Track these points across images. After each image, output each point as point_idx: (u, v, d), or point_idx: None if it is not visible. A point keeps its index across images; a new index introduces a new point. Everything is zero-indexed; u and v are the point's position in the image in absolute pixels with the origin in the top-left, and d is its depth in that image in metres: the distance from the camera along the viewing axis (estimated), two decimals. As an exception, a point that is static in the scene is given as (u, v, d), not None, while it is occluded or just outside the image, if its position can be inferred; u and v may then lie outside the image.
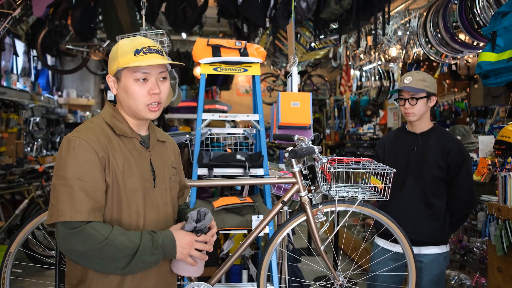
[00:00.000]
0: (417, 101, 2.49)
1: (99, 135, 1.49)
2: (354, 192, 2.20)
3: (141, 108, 1.53)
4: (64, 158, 1.43)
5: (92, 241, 1.37)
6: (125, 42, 1.54)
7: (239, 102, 11.89)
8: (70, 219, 1.38)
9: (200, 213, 1.58)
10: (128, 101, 1.53)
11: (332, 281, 2.24)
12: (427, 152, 2.52)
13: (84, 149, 1.43)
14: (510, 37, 2.49)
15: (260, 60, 2.91)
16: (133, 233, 1.44)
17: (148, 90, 1.53)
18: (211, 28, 8.71)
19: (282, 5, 4.23)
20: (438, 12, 4.60)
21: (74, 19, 4.43)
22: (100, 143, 1.47)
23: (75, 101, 9.17)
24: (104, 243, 1.38)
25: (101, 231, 1.39)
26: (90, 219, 1.40)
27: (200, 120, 2.84)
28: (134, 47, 1.52)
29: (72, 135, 1.46)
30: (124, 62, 1.50)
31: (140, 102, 1.52)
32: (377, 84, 8.15)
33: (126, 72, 1.52)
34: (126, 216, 1.51)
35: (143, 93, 1.52)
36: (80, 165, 1.42)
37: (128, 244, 1.40)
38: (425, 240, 2.52)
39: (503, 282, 2.66)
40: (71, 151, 1.42)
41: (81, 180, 1.41)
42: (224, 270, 2.26)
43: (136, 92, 1.52)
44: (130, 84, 1.51)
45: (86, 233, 1.38)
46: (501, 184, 2.72)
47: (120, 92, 1.55)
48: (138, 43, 1.53)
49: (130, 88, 1.52)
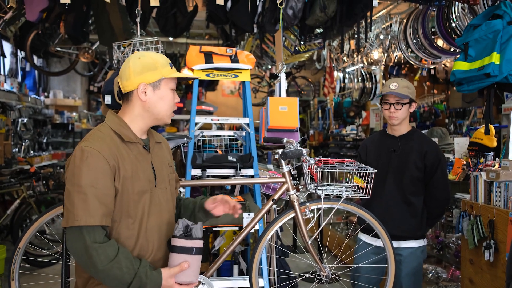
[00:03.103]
0: (402, 106, 2.70)
1: (109, 144, 1.64)
2: (339, 191, 2.38)
3: (169, 114, 1.79)
4: (79, 167, 1.57)
5: (88, 266, 1.56)
6: (156, 56, 1.76)
7: (224, 103, 12.00)
8: (85, 223, 1.54)
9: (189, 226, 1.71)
10: (161, 107, 1.75)
11: (319, 272, 2.42)
12: (406, 154, 2.72)
13: (97, 159, 1.58)
14: (480, 48, 2.70)
15: (250, 67, 3.08)
16: (127, 271, 1.57)
17: (174, 99, 1.79)
18: (197, 30, 8.81)
19: (269, 12, 4.39)
20: (418, 19, 4.81)
21: (68, 24, 4.52)
22: (111, 152, 1.62)
23: (62, 102, 9.19)
24: (100, 271, 1.55)
25: (102, 258, 1.54)
26: (103, 223, 1.57)
27: (194, 123, 2.99)
28: (167, 61, 1.76)
29: (85, 145, 1.60)
30: (167, 72, 1.73)
31: (171, 108, 1.78)
32: (359, 85, 8.36)
33: (166, 82, 1.74)
34: (133, 215, 1.67)
35: (173, 101, 1.79)
36: (93, 174, 1.57)
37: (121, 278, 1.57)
38: (404, 235, 2.72)
39: (474, 273, 2.88)
40: (85, 161, 1.57)
41: (94, 188, 1.56)
42: (219, 264, 2.42)
43: (171, 99, 1.77)
44: (167, 92, 1.75)
45: (89, 254, 1.54)
46: (473, 183, 2.94)
47: (155, 99, 1.73)
48: (167, 59, 1.77)
49: (167, 96, 1.75)
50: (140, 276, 1.56)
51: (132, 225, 1.67)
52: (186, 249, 1.63)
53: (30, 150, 7.74)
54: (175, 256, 1.64)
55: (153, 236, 1.72)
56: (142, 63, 1.71)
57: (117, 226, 1.66)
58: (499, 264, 2.65)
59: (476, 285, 2.86)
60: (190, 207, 1.99)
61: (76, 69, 7.86)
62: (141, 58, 1.73)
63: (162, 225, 1.76)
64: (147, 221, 1.70)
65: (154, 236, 1.73)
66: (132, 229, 1.67)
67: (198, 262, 1.67)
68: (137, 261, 1.60)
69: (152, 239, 1.72)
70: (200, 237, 1.67)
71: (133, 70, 1.71)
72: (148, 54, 1.75)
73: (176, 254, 1.64)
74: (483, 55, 2.68)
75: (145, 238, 1.70)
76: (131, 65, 1.71)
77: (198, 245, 1.66)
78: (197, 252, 1.65)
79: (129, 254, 1.60)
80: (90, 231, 1.55)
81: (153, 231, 1.72)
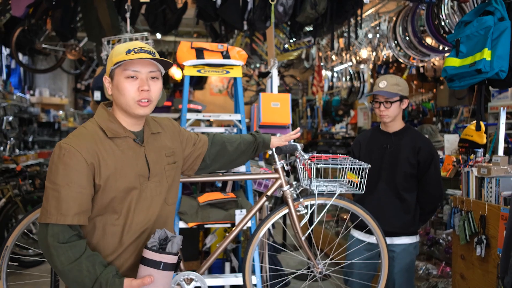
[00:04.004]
0: (391, 104, 2.69)
1: (90, 141, 1.59)
2: (332, 187, 2.37)
3: (131, 104, 1.63)
4: (56, 164, 1.55)
5: (53, 263, 1.53)
6: (120, 45, 1.67)
7: (212, 101, 11.97)
8: (56, 222, 1.51)
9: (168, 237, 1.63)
10: (120, 98, 1.64)
11: (312, 269, 2.41)
12: (399, 150, 2.72)
13: (73, 157, 1.54)
14: (471, 44, 2.72)
15: (241, 63, 3.05)
16: (88, 274, 1.52)
17: (137, 87, 1.63)
18: (185, 28, 8.75)
19: (258, 9, 4.38)
20: (407, 17, 4.84)
21: (55, 20, 4.45)
22: (90, 150, 1.57)
23: (48, 100, 9.07)
24: (59, 271, 1.53)
25: (62, 259, 1.51)
26: (74, 222, 1.53)
27: (185, 119, 2.96)
28: (127, 48, 1.63)
29: (64, 142, 1.57)
30: (116, 60, 1.62)
31: (130, 98, 1.63)
32: (348, 84, 8.39)
33: (118, 71, 1.63)
34: (119, 210, 1.64)
35: (133, 90, 1.63)
36: (68, 172, 1.53)
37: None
38: (397, 231, 2.72)
39: (465, 268, 2.89)
40: (62, 158, 1.54)
41: (69, 186, 1.53)
42: (211, 261, 2.39)
43: (126, 88, 1.62)
44: (121, 81, 1.63)
45: (49, 253, 1.52)
46: (465, 179, 2.95)
47: (114, 91, 1.66)
48: (131, 45, 1.65)
49: (121, 85, 1.63)
50: (100, 281, 1.51)
51: (117, 221, 1.64)
52: (153, 263, 1.54)
53: (16, 149, 7.61)
54: (142, 268, 1.56)
55: (138, 232, 1.68)
56: (109, 56, 1.68)
57: (103, 223, 1.63)
58: (490, 259, 2.67)
59: (468, 281, 2.88)
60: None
61: (63, 67, 7.75)
62: (113, 50, 1.69)
63: (149, 221, 1.71)
64: (133, 217, 1.66)
65: (139, 233, 1.68)
66: (117, 225, 1.64)
67: (166, 278, 1.57)
68: (102, 267, 1.54)
69: (137, 235, 1.68)
70: (173, 253, 1.57)
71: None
72: (119, 45, 1.68)
73: (143, 266, 1.56)
74: (475, 51, 2.69)
75: (129, 234, 1.66)
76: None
77: (167, 260, 1.56)
78: (166, 268, 1.55)
79: (96, 258, 1.55)
80: (55, 230, 1.52)
81: (139, 228, 1.68)
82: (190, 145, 1.98)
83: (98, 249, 1.64)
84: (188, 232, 3.25)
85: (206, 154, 2.05)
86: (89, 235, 1.64)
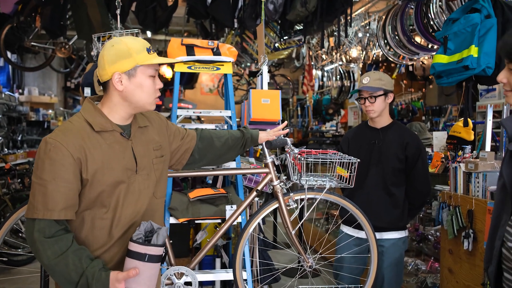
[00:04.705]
0: (375, 99, 2.72)
1: (76, 136, 1.59)
2: (322, 181, 2.39)
3: (150, 101, 1.70)
4: (42, 159, 1.55)
5: (40, 257, 1.54)
6: (132, 41, 1.66)
7: (203, 100, 11.97)
8: (43, 217, 1.52)
9: (154, 229, 1.63)
10: (141, 95, 1.67)
11: (302, 263, 2.43)
12: (387, 145, 2.75)
13: (59, 152, 1.54)
14: (459, 41, 2.75)
15: (232, 59, 3.06)
16: (74, 268, 1.52)
17: (156, 85, 1.71)
18: (176, 27, 8.76)
19: (249, 7, 4.40)
20: (396, 16, 4.87)
21: (44, 17, 4.43)
22: (77, 144, 1.57)
23: (37, 99, 9.00)
24: (45, 266, 1.54)
25: (48, 253, 1.51)
26: (61, 217, 1.54)
27: (175, 115, 2.96)
28: (144, 46, 1.66)
29: (50, 137, 1.57)
30: (142, 59, 1.63)
31: (152, 96, 1.70)
32: (338, 84, 8.43)
33: (142, 69, 1.65)
34: (107, 204, 1.64)
35: (154, 88, 1.70)
36: (55, 167, 1.53)
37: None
38: (386, 226, 2.74)
39: (453, 263, 2.93)
40: (48, 153, 1.54)
41: (55, 181, 1.53)
42: (202, 256, 2.41)
43: (150, 86, 1.68)
44: (145, 79, 1.66)
45: (36, 248, 1.53)
46: (453, 174, 2.99)
47: (132, 88, 1.65)
48: (144, 43, 1.68)
49: (145, 83, 1.67)
50: (87, 275, 1.51)
51: (106, 214, 1.64)
52: (138, 255, 1.54)
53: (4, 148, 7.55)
54: (128, 261, 1.56)
55: (127, 225, 1.69)
56: (116, 51, 1.64)
57: (92, 217, 1.63)
58: (477, 253, 2.70)
59: (455, 274, 2.91)
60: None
61: (52, 66, 7.71)
62: (115, 45, 1.65)
63: (138, 214, 1.72)
64: (121, 211, 1.66)
65: (128, 226, 1.69)
66: (106, 219, 1.64)
67: (152, 270, 1.57)
68: (88, 260, 1.54)
69: (126, 229, 1.68)
70: (158, 244, 1.57)
71: (106, 59, 1.64)
72: (123, 40, 1.66)
73: (129, 258, 1.56)
74: (462, 48, 2.73)
75: (118, 228, 1.66)
76: (105, 54, 1.65)
77: (152, 252, 1.56)
78: (151, 260, 1.55)
79: (83, 252, 1.55)
80: (41, 224, 1.52)
81: (128, 221, 1.69)
82: (178, 139, 2.00)
83: (87, 243, 1.64)
84: (178, 229, 3.27)
85: (194, 148, 2.07)
86: (78, 229, 1.64)
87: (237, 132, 2.24)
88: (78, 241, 1.63)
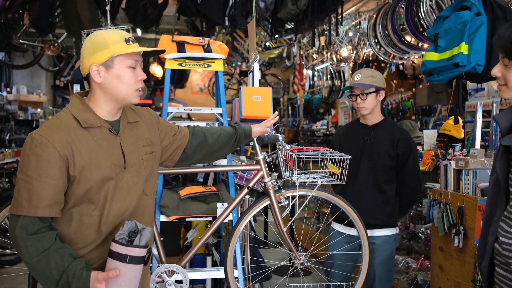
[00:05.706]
0: (367, 96, 2.72)
1: (63, 132, 1.56)
2: (314, 178, 2.38)
3: (131, 93, 1.65)
4: (28, 155, 1.52)
5: (21, 254, 1.52)
6: (110, 33, 1.63)
7: (194, 100, 11.93)
8: (27, 213, 1.50)
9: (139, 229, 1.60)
10: (120, 87, 1.63)
11: (294, 260, 2.42)
12: (378, 143, 2.75)
13: (45, 148, 1.51)
14: (449, 39, 2.76)
15: (223, 56, 3.05)
16: (56, 266, 1.50)
17: (137, 76, 1.66)
18: (166, 26, 8.72)
19: (240, 5, 4.38)
20: (387, 15, 4.89)
21: (33, 13, 4.37)
22: (64, 141, 1.54)
23: (26, 98, 8.91)
24: (27, 263, 1.52)
25: (30, 250, 1.49)
26: (45, 214, 1.51)
27: (166, 112, 2.94)
28: (123, 37, 1.62)
29: (36, 133, 1.54)
30: (119, 49, 1.60)
31: (132, 87, 1.65)
32: (328, 83, 8.44)
33: (120, 59, 1.62)
34: (96, 201, 1.62)
35: (134, 79, 1.65)
36: (40, 164, 1.51)
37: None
38: (377, 223, 2.74)
39: (444, 260, 2.94)
40: (33, 149, 1.51)
41: (40, 178, 1.50)
42: (193, 254, 2.38)
43: (129, 77, 1.64)
44: (123, 70, 1.62)
45: (17, 244, 1.51)
46: (443, 172, 3.00)
47: (110, 80, 1.62)
48: (124, 34, 1.64)
49: (124, 74, 1.63)
50: (67, 274, 1.48)
51: (94, 211, 1.62)
52: (119, 256, 1.50)
53: (-8, 147, 7.46)
54: (109, 261, 1.52)
55: (116, 222, 1.66)
56: (93, 43, 1.62)
57: (80, 214, 1.61)
58: (467, 250, 2.71)
59: (446, 271, 2.93)
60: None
61: (41, 64, 7.63)
62: (93, 37, 1.63)
63: (127, 211, 1.69)
64: (110, 207, 1.64)
65: (117, 223, 1.66)
66: (94, 216, 1.62)
67: (133, 272, 1.52)
68: (71, 259, 1.51)
69: (115, 225, 1.66)
70: (141, 246, 1.53)
71: (85, 52, 1.63)
72: (101, 32, 1.64)
73: (110, 259, 1.52)
74: (452, 45, 2.73)
75: (106, 225, 1.64)
76: (84, 48, 1.64)
77: (134, 253, 1.51)
78: (132, 261, 1.50)
79: (66, 250, 1.52)
80: (24, 221, 1.50)
81: (116, 218, 1.66)
82: (170, 135, 1.97)
83: (76, 240, 1.62)
84: (169, 227, 3.24)
85: (187, 145, 2.04)
86: (66, 226, 1.62)
87: (229, 128, 2.22)
88: (66, 239, 1.60)
